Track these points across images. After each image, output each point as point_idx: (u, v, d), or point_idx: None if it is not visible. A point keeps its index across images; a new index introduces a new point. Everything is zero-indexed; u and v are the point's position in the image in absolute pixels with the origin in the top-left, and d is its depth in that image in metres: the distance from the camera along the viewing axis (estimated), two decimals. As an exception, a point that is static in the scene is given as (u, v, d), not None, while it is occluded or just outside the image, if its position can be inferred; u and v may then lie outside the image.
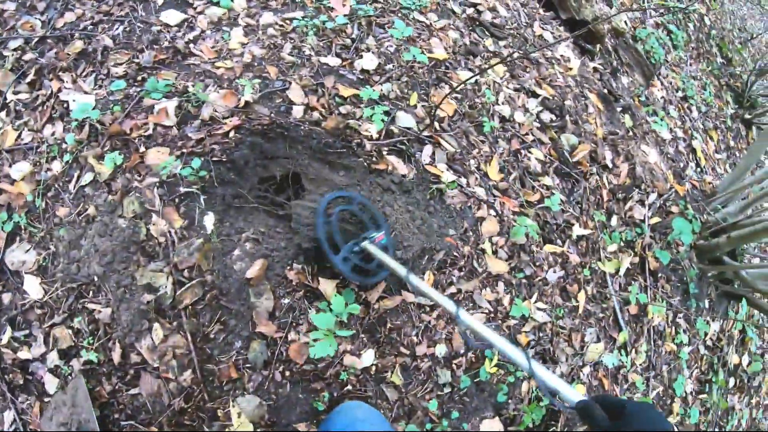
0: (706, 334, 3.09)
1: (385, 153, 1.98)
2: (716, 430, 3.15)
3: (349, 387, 1.77)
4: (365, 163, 1.92)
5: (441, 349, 1.86)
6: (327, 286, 1.76)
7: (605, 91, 3.20)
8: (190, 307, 1.79)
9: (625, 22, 3.81)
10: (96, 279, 1.74)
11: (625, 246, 2.68)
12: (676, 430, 2.37)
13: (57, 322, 1.75)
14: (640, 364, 2.64)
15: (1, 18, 2.25)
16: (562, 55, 3.11)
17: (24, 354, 1.77)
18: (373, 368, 1.79)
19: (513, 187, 2.23)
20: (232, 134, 1.97)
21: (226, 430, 1.65)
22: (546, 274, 2.25)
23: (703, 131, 4.39)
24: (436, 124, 2.16)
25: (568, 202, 2.44)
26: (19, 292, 1.81)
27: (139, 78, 2.04)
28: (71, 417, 1.66)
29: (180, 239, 1.84)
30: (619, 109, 3.13)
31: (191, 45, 2.17)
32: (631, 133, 3.10)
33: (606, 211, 2.63)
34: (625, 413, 0.74)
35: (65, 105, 2.01)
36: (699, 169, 3.78)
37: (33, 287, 1.79)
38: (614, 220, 2.64)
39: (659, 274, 2.80)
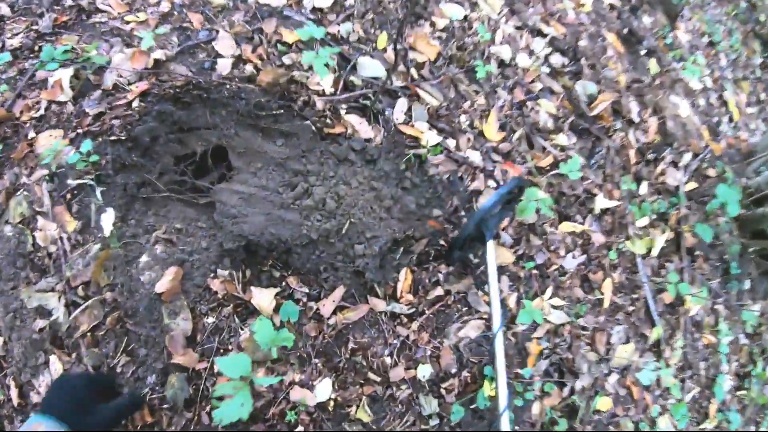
0: (745, 322, 2.58)
1: (342, 112, 1.42)
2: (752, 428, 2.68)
3: (300, 429, 1.27)
4: (314, 127, 1.37)
5: (425, 371, 1.35)
6: (262, 298, 1.23)
7: (626, 30, 2.58)
8: (89, 334, 1.31)
9: (645, -48, 3.14)
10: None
11: (658, 219, 2.13)
12: None
13: None
14: (675, 364, 2.14)
15: None
16: (572, -12, 2.48)
17: None
18: (332, 402, 1.28)
19: (517, 148, 1.67)
20: (136, 104, 1.42)
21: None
22: (563, 260, 1.73)
23: (733, 82, 3.77)
24: (414, 72, 1.60)
25: (588, 165, 1.88)
26: None
27: (37, 48, 1.54)
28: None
29: (73, 247, 1.37)
30: (643, 53, 2.52)
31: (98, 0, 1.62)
32: (658, 82, 2.51)
33: (634, 176, 2.07)
34: None
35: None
36: (733, 125, 3.19)
37: None
38: (644, 187, 2.08)
39: (696, 252, 2.26)
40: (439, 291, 1.38)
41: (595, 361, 1.81)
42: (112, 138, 1.37)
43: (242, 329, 1.27)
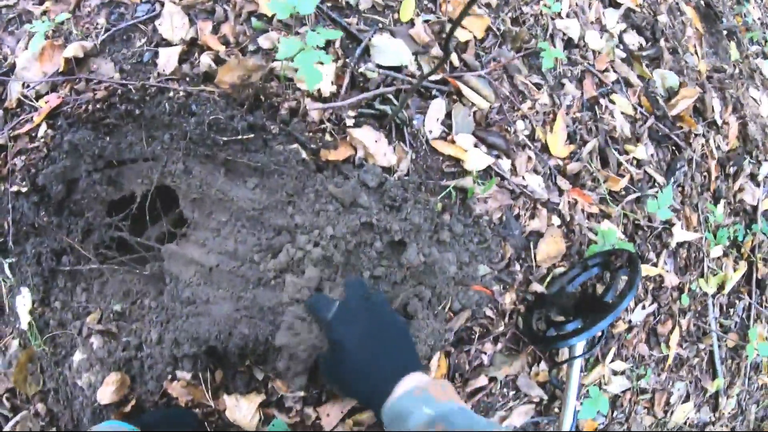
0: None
1: (349, 123, 0.94)
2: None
3: None
4: (306, 152, 0.89)
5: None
6: (240, 410, 0.82)
7: (702, 2, 2.05)
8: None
9: None
10: None
11: (731, 247, 1.72)
12: None
13: None
14: (729, 412, 1.81)
15: None
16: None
17: None
18: None
19: (589, 167, 1.22)
20: (42, 132, 0.94)
21: None
22: (631, 314, 1.33)
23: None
24: (454, 57, 1.11)
25: (666, 184, 1.44)
26: None
27: None
28: None
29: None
30: (724, 33, 2.01)
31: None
32: (738, 70, 2.01)
33: (713, 195, 1.64)
34: None
35: None
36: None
37: None
38: (720, 207, 1.65)
39: (767, 284, 1.87)
40: (482, 380, 0.98)
41: (651, 425, 1.46)
42: (14, 190, 0.90)
43: None
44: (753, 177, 1.83)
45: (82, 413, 0.89)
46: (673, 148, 1.49)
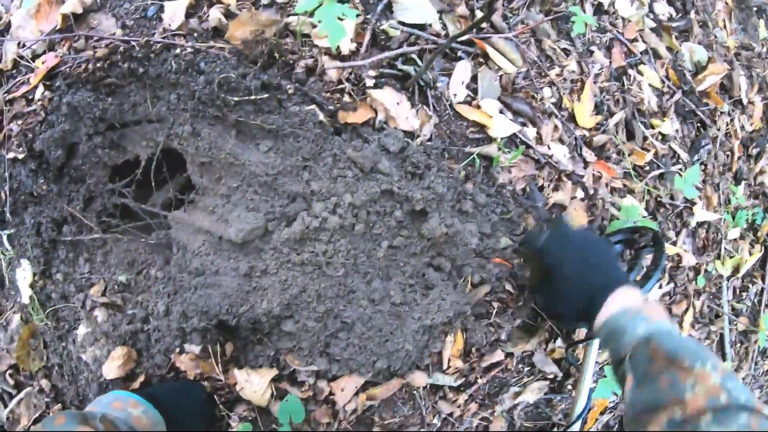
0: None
1: (370, 84, 0.88)
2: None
3: None
4: (322, 115, 0.82)
5: (472, 458, 0.96)
6: (252, 386, 0.79)
7: (733, -26, 1.94)
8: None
9: None
10: None
11: (748, 230, 1.67)
12: None
13: None
14: (735, 394, 1.79)
15: None
16: None
17: None
18: None
19: (615, 140, 1.16)
20: (39, 94, 0.87)
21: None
22: (647, 293, 1.29)
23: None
24: (480, 16, 1.03)
25: (690, 161, 1.38)
26: None
27: None
28: None
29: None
30: (754, 9, 1.91)
31: None
32: (765, 49, 1.92)
33: (734, 175, 1.58)
34: None
35: None
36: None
37: None
38: (741, 189, 1.60)
39: (781, 268, 1.83)
40: (498, 355, 0.94)
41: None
42: (10, 157, 0.84)
43: (230, 417, 0.83)
44: (774, 159, 1.76)
45: (88, 389, 0.85)
46: (698, 124, 1.42)
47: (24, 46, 0.94)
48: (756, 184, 1.67)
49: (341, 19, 0.77)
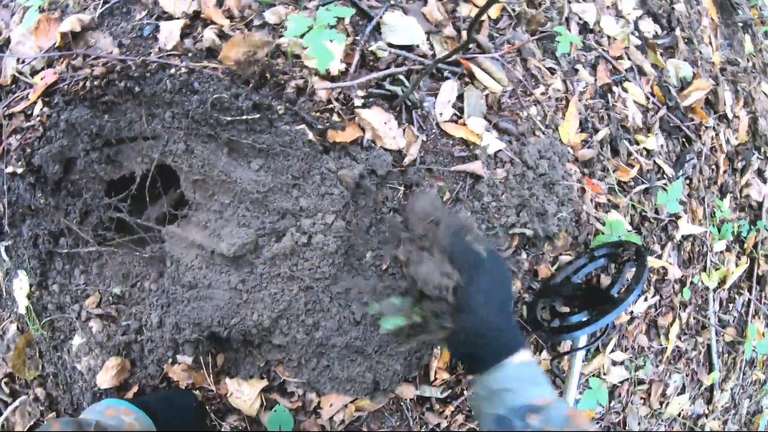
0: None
1: (358, 104, 0.90)
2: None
3: None
4: (312, 134, 0.85)
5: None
6: (243, 393, 0.80)
7: (719, -9, 1.98)
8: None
9: None
10: None
11: (734, 242, 1.69)
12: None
13: None
14: (723, 406, 1.81)
15: None
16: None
17: None
18: None
19: (601, 156, 1.19)
20: (38, 110, 0.90)
21: None
22: (634, 305, 1.31)
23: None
24: (466, 36, 1.06)
25: (675, 176, 1.41)
26: None
27: None
28: None
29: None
30: (740, 25, 1.95)
31: None
32: (751, 64, 1.96)
33: (720, 189, 1.61)
34: None
35: None
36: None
37: None
38: (726, 202, 1.62)
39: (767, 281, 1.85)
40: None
41: (646, 415, 1.46)
42: (9, 171, 0.87)
43: (220, 426, 0.85)
44: (760, 173, 1.79)
45: (82, 398, 0.87)
46: (684, 139, 1.45)
47: (23, 62, 0.96)
48: (742, 196, 1.70)
49: (331, 42, 0.80)
